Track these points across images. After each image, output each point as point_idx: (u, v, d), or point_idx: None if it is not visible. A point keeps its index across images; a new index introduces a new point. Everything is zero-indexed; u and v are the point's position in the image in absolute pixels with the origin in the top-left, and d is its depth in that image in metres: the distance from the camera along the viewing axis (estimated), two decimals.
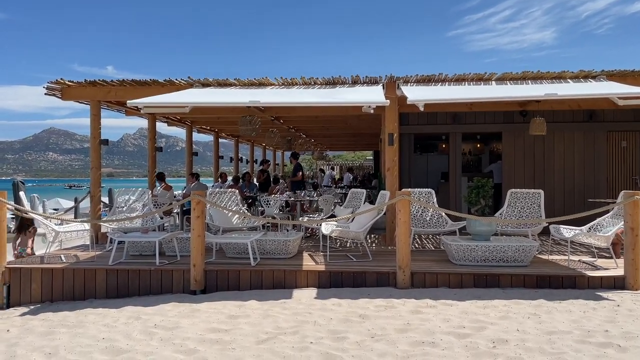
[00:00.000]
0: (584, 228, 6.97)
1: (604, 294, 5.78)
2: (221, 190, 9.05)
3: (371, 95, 7.59)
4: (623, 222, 6.24)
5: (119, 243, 7.25)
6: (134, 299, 6.40)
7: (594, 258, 7.25)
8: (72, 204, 17.15)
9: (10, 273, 6.84)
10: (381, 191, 8.22)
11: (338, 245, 8.52)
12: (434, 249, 8.45)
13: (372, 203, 9.66)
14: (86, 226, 8.01)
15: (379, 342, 4.20)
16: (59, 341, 4.55)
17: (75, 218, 12.55)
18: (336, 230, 7.53)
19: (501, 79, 8.44)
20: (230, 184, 13.22)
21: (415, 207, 8.01)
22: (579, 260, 7.12)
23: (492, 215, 7.60)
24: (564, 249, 8.00)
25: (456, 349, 4.01)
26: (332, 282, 6.49)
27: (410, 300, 5.58)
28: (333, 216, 9.26)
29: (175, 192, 15.51)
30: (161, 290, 6.65)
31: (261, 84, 8.80)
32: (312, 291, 6.21)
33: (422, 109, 6.84)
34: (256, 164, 19.91)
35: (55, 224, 7.83)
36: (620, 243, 6.84)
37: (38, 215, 8.47)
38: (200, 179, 12.06)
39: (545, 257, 7.38)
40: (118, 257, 7.17)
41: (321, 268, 6.65)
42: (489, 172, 12.01)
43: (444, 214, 7.96)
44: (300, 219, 9.95)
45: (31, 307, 6.42)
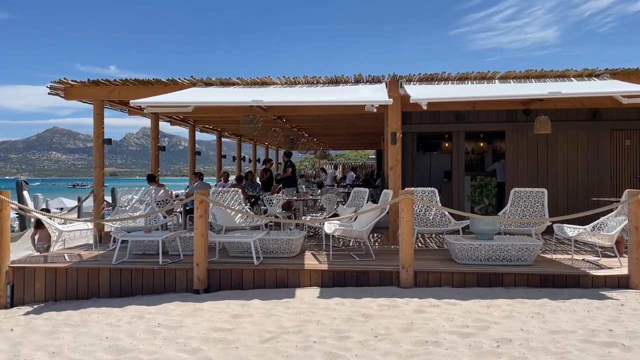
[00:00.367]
0: (588, 227, 6.95)
1: (608, 293, 5.77)
2: (224, 189, 9.05)
3: (374, 94, 7.58)
4: (627, 221, 6.22)
5: (123, 242, 7.26)
6: (137, 298, 6.41)
7: (598, 257, 7.22)
8: (76, 203, 17.22)
9: (14, 272, 6.85)
10: (384, 190, 8.21)
11: (341, 245, 8.52)
12: (437, 248, 8.44)
13: (375, 202, 9.64)
14: (89, 225, 8.02)
15: (383, 342, 4.20)
16: (63, 340, 4.56)
17: (79, 217, 12.57)
18: (339, 230, 7.53)
19: (504, 78, 8.42)
20: (233, 183, 13.22)
21: (418, 206, 7.99)
22: (583, 260, 7.10)
23: (496, 214, 7.58)
24: (567, 248, 7.98)
25: (460, 349, 4.00)
26: (335, 282, 6.49)
27: (414, 300, 5.57)
28: (336, 215, 9.26)
29: (178, 192, 15.53)
30: (164, 289, 6.65)
31: (264, 83, 8.79)
32: (315, 290, 6.20)
33: (425, 108, 6.84)
34: (259, 163, 19.93)
35: (59, 224, 7.85)
36: (624, 242, 6.82)
37: (42, 214, 8.49)
38: (204, 178, 12.07)
39: (548, 256, 7.36)
40: (121, 257, 7.18)
41: (324, 267, 6.65)
42: (492, 171, 11.99)
43: (447, 213, 7.95)
44: (303, 218, 9.95)
45: (35, 307, 6.42)
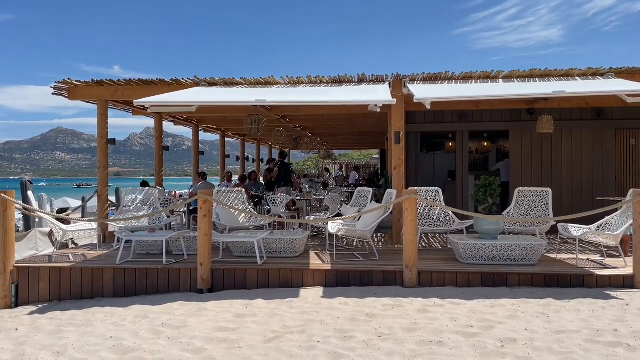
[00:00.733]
0: (593, 227, 6.92)
1: (613, 293, 5.74)
2: (228, 189, 9.06)
3: (378, 94, 7.57)
4: (632, 221, 6.19)
5: (127, 242, 7.28)
6: (142, 297, 6.42)
7: (603, 257, 7.19)
8: (80, 203, 17.25)
9: (18, 272, 6.87)
10: (388, 190, 8.20)
11: (345, 244, 8.51)
12: (441, 247, 8.42)
13: (379, 202, 9.63)
14: (94, 225, 8.05)
15: (387, 342, 4.19)
16: (67, 340, 4.58)
17: (83, 217, 12.59)
18: (343, 229, 7.52)
19: (508, 77, 8.39)
20: (236, 182, 13.23)
21: (422, 206, 7.98)
22: (588, 259, 7.07)
23: (500, 213, 7.56)
24: (572, 248, 7.95)
25: (464, 348, 3.99)
26: (339, 281, 6.48)
27: (418, 300, 5.56)
28: (339, 215, 9.25)
29: (181, 192, 15.56)
30: (168, 289, 6.67)
31: (267, 83, 8.79)
32: (319, 290, 6.20)
33: (429, 107, 6.83)
34: (262, 163, 19.93)
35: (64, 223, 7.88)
36: (629, 241, 6.79)
37: (46, 214, 8.53)
38: (207, 178, 12.07)
39: (553, 256, 7.33)
40: (125, 256, 7.20)
41: (328, 267, 6.64)
42: (496, 171, 11.96)
43: (451, 212, 7.93)
44: (307, 217, 9.94)
45: (39, 306, 6.45)
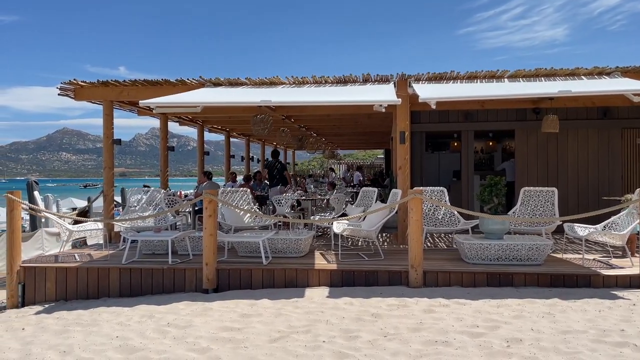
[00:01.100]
0: (599, 226, 6.89)
1: (619, 293, 5.71)
2: (233, 189, 9.07)
3: (383, 94, 7.56)
4: (638, 220, 6.16)
5: (132, 242, 7.30)
6: (147, 297, 6.44)
7: (609, 257, 7.16)
8: (86, 203, 17.34)
9: (25, 272, 6.91)
10: (393, 190, 8.19)
11: (350, 244, 8.51)
12: (446, 247, 8.41)
13: (384, 202, 9.62)
14: (99, 225, 8.08)
15: (392, 341, 4.19)
16: (74, 339, 4.60)
17: (88, 217, 12.65)
18: (348, 229, 7.52)
19: (514, 77, 8.37)
20: (241, 182, 13.24)
21: (427, 206, 7.96)
22: (594, 259, 7.04)
23: (505, 213, 7.54)
24: (578, 248, 7.91)
25: (470, 348, 3.98)
26: (344, 281, 6.48)
27: (423, 299, 5.55)
28: (344, 215, 9.25)
29: (187, 192, 15.60)
30: (174, 289, 6.69)
31: (272, 83, 8.80)
32: (324, 290, 6.20)
33: (434, 107, 6.81)
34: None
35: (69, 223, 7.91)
36: (636, 241, 6.76)
37: (52, 214, 8.57)
38: (213, 178, 12.09)
39: (559, 256, 7.30)
40: (131, 256, 7.22)
41: (333, 267, 6.65)
42: (502, 170, 11.92)
43: (456, 212, 7.91)
44: (312, 217, 9.95)
45: (46, 306, 6.48)
